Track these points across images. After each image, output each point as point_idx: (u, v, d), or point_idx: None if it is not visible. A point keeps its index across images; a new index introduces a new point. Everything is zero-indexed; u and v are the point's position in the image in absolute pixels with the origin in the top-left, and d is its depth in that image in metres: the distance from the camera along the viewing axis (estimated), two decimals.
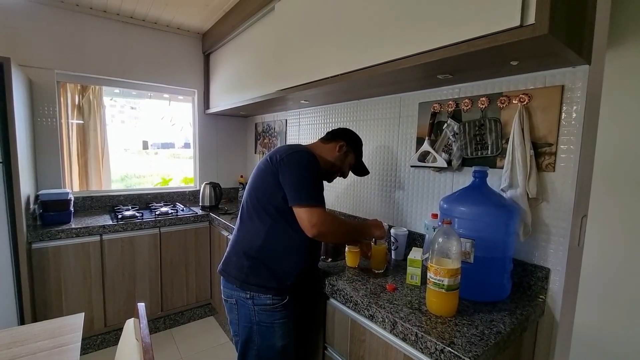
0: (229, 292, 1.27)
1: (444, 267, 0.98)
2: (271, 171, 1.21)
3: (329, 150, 1.39)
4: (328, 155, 1.38)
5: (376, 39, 1.22)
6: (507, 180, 1.18)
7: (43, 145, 2.29)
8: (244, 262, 1.24)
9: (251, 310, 1.22)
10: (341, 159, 1.40)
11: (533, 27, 0.79)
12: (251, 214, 1.26)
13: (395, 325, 1.00)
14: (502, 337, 0.92)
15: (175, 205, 2.73)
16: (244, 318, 1.25)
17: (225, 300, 1.30)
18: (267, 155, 1.28)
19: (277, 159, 1.22)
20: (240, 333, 1.26)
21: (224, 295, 1.30)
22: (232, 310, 1.28)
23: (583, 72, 1.06)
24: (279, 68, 1.80)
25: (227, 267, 1.29)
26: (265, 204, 1.22)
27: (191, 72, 2.90)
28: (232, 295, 1.26)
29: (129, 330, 1.00)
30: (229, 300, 1.28)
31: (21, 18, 2.17)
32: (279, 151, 1.25)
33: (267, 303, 1.22)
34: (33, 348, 1.04)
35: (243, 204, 1.32)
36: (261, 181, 1.25)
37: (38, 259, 1.92)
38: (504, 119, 1.25)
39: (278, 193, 1.19)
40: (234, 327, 1.30)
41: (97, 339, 2.17)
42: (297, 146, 1.30)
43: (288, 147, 1.27)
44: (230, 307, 1.28)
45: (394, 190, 1.73)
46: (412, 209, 1.64)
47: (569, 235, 1.11)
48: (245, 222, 1.29)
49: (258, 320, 1.22)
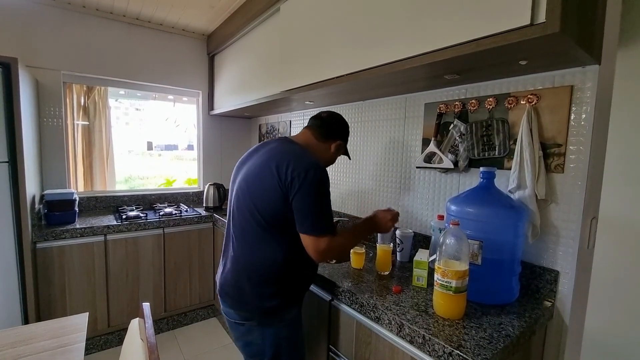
0: (246, 315, 1.16)
1: (451, 268, 0.97)
2: (280, 188, 1.07)
3: (325, 150, 1.30)
4: (324, 154, 1.30)
5: (383, 38, 1.21)
6: (515, 182, 1.17)
7: (49, 145, 2.30)
8: (264, 291, 1.13)
9: (278, 327, 1.16)
10: (334, 156, 1.35)
11: (544, 26, 0.78)
12: (261, 232, 1.12)
13: (402, 327, 0.99)
14: (511, 340, 0.91)
15: (179, 206, 2.73)
16: (270, 337, 1.16)
17: (239, 323, 1.19)
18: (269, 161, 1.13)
19: (287, 176, 1.07)
20: (267, 352, 1.17)
21: (238, 319, 1.18)
22: (250, 332, 1.18)
23: (593, 72, 1.05)
24: (284, 69, 1.80)
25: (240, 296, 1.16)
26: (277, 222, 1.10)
27: (196, 74, 2.91)
28: (252, 318, 1.16)
29: (133, 330, 0.99)
30: (247, 323, 1.17)
31: (28, 19, 2.19)
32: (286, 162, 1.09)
33: (292, 316, 1.19)
34: (37, 347, 1.04)
35: (239, 218, 1.17)
36: (266, 195, 1.10)
37: (42, 259, 1.92)
38: (512, 119, 1.24)
39: (288, 211, 1.09)
40: (252, 349, 1.20)
41: (101, 339, 2.17)
42: (304, 157, 1.13)
43: (292, 157, 1.11)
44: (249, 329, 1.18)
45: (400, 192, 1.72)
46: (417, 211, 1.63)
47: (578, 238, 1.10)
48: (250, 241, 1.14)
49: (286, 335, 1.18)
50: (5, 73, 1.68)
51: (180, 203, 2.86)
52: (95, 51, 2.43)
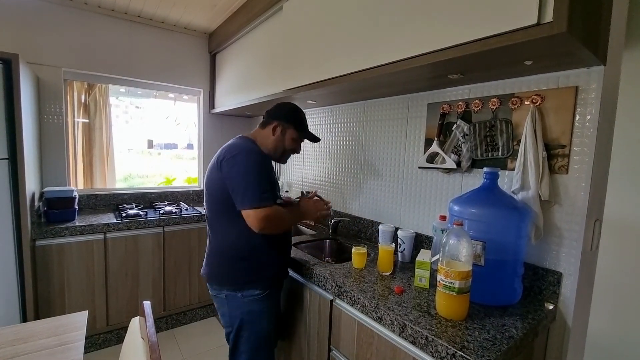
0: (218, 288, 1.34)
1: (455, 269, 0.96)
2: (221, 178, 1.25)
3: (266, 136, 1.39)
4: (267, 140, 1.38)
5: (386, 37, 1.20)
6: (518, 182, 1.16)
7: (49, 142, 2.29)
8: (224, 262, 1.32)
9: (241, 301, 1.31)
10: (280, 139, 1.39)
11: (550, 26, 0.77)
12: (219, 219, 1.32)
13: (404, 328, 0.98)
14: (514, 342, 0.90)
15: (179, 204, 2.72)
16: (234, 309, 1.32)
17: (214, 296, 1.37)
18: (216, 158, 1.30)
19: (222, 165, 1.25)
20: (232, 323, 1.34)
21: (212, 292, 1.37)
22: (222, 304, 1.36)
23: (598, 73, 1.04)
24: (287, 68, 1.80)
25: (211, 269, 1.36)
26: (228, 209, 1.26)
27: (197, 72, 2.90)
28: (221, 291, 1.33)
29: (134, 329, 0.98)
30: (219, 295, 1.35)
31: (30, 15, 2.18)
32: (223, 154, 1.27)
33: (254, 294, 1.31)
34: (37, 345, 1.03)
35: (206, 212, 1.37)
36: (215, 186, 1.28)
37: (42, 257, 1.91)
38: (516, 120, 1.23)
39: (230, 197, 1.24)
40: (225, 319, 1.38)
41: (99, 337, 2.16)
42: (237, 146, 1.30)
43: (228, 149, 1.29)
44: (221, 302, 1.36)
45: (401, 192, 1.71)
46: (419, 211, 1.62)
47: (581, 239, 1.09)
48: (215, 227, 1.35)
49: (249, 309, 1.31)
50: (6, 69, 1.67)
51: (181, 202, 2.85)
52: (97, 48, 2.43)
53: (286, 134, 1.40)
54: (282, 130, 1.39)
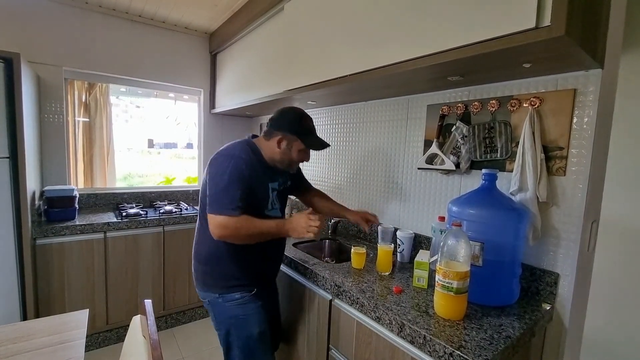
0: (202, 294, 1.36)
1: (453, 269, 0.97)
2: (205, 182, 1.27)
3: (271, 148, 1.31)
4: (272, 152, 1.32)
5: (387, 39, 1.21)
6: (516, 184, 1.17)
7: (49, 141, 2.29)
8: (200, 267, 1.34)
9: (224, 307, 1.30)
10: (286, 153, 1.31)
11: (549, 29, 0.78)
12: (200, 220, 1.34)
13: (402, 327, 0.99)
14: (511, 342, 0.91)
15: (179, 204, 2.72)
16: (219, 315, 1.32)
17: (202, 300, 1.38)
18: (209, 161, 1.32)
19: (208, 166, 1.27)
20: (220, 328, 1.33)
21: (200, 297, 1.38)
22: (209, 310, 1.36)
23: (595, 76, 1.05)
24: (287, 68, 1.80)
25: (194, 272, 1.38)
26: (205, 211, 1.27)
27: (198, 72, 2.91)
28: (205, 297, 1.35)
29: (135, 327, 0.99)
30: (204, 301, 1.36)
31: (31, 14, 2.18)
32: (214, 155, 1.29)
33: (235, 298, 1.29)
34: (38, 343, 1.04)
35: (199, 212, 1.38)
36: (202, 190, 1.31)
37: (42, 255, 1.92)
38: (514, 122, 1.24)
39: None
40: (214, 324, 1.37)
41: (99, 336, 2.16)
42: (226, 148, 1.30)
43: (219, 150, 1.30)
44: (207, 307, 1.37)
45: (401, 192, 1.72)
46: (418, 212, 1.63)
47: (579, 240, 1.10)
48: (197, 228, 1.37)
49: (233, 314, 1.30)
50: (7, 68, 1.68)
51: (180, 201, 2.85)
52: (97, 48, 2.43)
53: (292, 147, 1.31)
54: (288, 144, 1.30)
